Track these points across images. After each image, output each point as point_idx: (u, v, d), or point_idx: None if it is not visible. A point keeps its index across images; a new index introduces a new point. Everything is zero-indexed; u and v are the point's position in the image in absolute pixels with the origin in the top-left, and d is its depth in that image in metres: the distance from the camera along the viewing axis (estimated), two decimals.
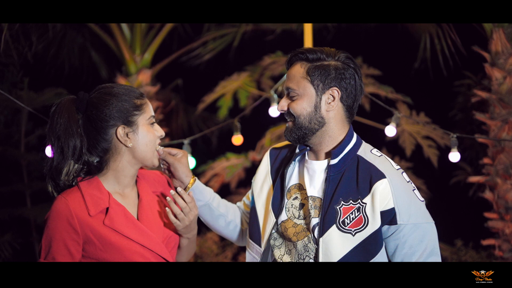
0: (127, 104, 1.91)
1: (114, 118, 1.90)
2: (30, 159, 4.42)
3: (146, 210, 1.97)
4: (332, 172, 1.93)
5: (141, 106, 1.94)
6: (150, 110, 1.95)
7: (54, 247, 1.85)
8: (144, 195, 2.00)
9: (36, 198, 4.48)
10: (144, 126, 1.94)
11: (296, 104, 1.95)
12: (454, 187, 4.74)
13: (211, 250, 4.31)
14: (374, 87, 4.40)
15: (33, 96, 4.31)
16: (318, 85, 1.93)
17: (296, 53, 1.98)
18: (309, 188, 1.97)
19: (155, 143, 1.97)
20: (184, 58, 4.90)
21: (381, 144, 4.62)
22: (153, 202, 2.02)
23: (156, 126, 1.99)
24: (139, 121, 1.93)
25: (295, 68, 1.97)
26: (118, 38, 4.47)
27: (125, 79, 4.46)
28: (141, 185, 2.03)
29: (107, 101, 1.89)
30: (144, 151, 1.94)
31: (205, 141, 5.27)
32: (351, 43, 4.75)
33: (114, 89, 1.93)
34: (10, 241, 4.02)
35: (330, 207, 1.90)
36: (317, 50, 1.95)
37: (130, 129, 1.92)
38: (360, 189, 1.90)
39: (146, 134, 1.94)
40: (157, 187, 2.08)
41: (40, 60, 4.67)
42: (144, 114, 1.94)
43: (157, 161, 2.00)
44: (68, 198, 1.87)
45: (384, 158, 1.97)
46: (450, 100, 4.79)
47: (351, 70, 1.95)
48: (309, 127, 1.95)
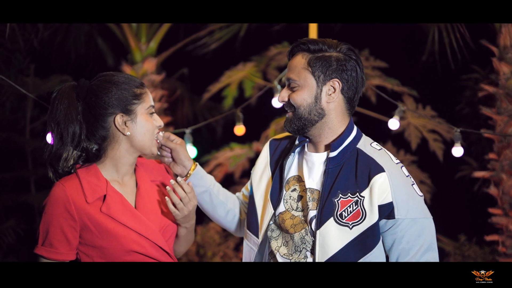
0: (127, 93, 1.91)
1: (113, 106, 1.90)
2: (35, 146, 4.43)
3: (144, 198, 1.98)
4: (331, 165, 1.92)
5: (140, 95, 1.93)
6: (150, 100, 1.95)
7: (51, 233, 1.86)
8: (142, 183, 2.00)
9: (40, 184, 4.50)
10: (143, 115, 1.93)
11: (296, 95, 1.94)
12: (459, 182, 4.71)
13: (214, 239, 4.32)
14: (380, 80, 4.37)
15: (38, 83, 4.32)
16: (319, 76, 1.91)
17: (298, 44, 1.97)
18: (308, 180, 1.96)
19: (153, 132, 1.96)
20: (190, 47, 4.88)
21: (387, 137, 4.60)
22: (151, 191, 2.02)
23: (155, 116, 1.99)
24: (137, 110, 1.92)
25: (296, 59, 1.95)
26: (124, 26, 4.46)
27: (131, 68, 4.46)
28: (140, 174, 2.03)
29: (107, 89, 1.89)
30: (142, 140, 1.94)
31: (209, 130, 5.26)
32: (358, 35, 4.72)
33: (114, 77, 1.93)
34: (13, 227, 4.05)
35: (328, 200, 1.88)
36: (319, 41, 1.94)
37: (129, 117, 1.92)
38: (358, 182, 1.88)
39: (144, 123, 1.94)
40: (155, 176, 2.08)
41: (46, 46, 4.68)
42: (143, 104, 1.93)
43: (156, 150, 2.00)
44: (66, 184, 1.88)
45: (384, 151, 1.96)
46: (457, 94, 4.76)
47: (353, 62, 1.93)
48: (308, 118, 1.93)
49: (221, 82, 4.70)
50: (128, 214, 1.91)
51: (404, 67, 4.73)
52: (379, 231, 1.87)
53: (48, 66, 4.70)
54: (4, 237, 4.02)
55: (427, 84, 4.74)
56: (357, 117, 4.71)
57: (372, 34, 4.77)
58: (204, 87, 4.83)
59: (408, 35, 4.78)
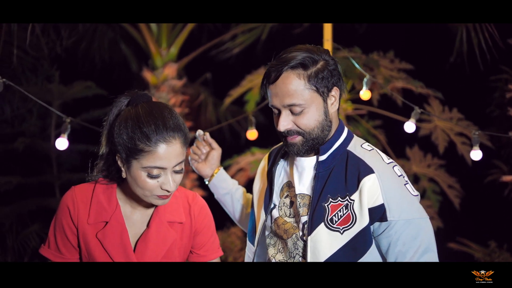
0: (129, 141, 1.69)
1: (118, 143, 1.72)
2: (59, 151, 4.49)
3: (147, 242, 1.83)
4: (321, 169, 1.85)
5: (140, 152, 1.69)
6: (153, 161, 1.68)
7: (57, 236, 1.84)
8: (154, 224, 1.84)
9: (64, 189, 4.52)
10: (137, 171, 1.71)
11: (305, 118, 1.81)
12: (488, 186, 4.56)
13: (235, 245, 4.30)
14: (404, 82, 4.26)
15: (62, 90, 4.39)
16: (323, 92, 1.82)
17: (282, 63, 1.80)
18: (298, 186, 1.90)
19: (146, 191, 1.74)
20: (213, 52, 4.88)
21: (413, 140, 4.49)
22: (161, 235, 1.84)
23: (164, 178, 1.72)
24: (133, 163, 1.71)
25: (289, 80, 1.79)
26: (144, 32, 4.50)
27: (151, 73, 4.48)
28: (159, 213, 1.85)
29: (123, 123, 1.72)
30: (134, 189, 1.76)
31: (233, 135, 5.25)
32: (383, 36, 4.64)
33: (140, 116, 1.70)
34: (37, 231, 4.12)
35: (318, 205, 1.82)
36: (303, 53, 1.80)
37: (125, 163, 1.74)
38: (348, 185, 1.81)
39: (136, 179, 1.72)
40: (176, 216, 1.87)
41: (71, 54, 4.76)
42: (141, 161, 1.69)
43: (155, 202, 1.78)
44: (77, 196, 1.81)
45: (375, 152, 1.87)
46: (486, 96, 4.61)
47: (335, 62, 1.86)
48: (321, 135, 1.84)
49: (243, 87, 4.68)
50: (120, 250, 1.81)
51: (430, 68, 4.62)
52: (371, 236, 1.80)
53: (73, 73, 4.78)
54: (28, 241, 4.10)
55: (454, 86, 4.60)
56: (382, 120, 4.64)
57: (397, 36, 4.67)
58: (227, 92, 4.83)
59: (434, 36, 4.66)
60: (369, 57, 4.15)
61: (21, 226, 4.22)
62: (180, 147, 1.72)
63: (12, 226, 4.17)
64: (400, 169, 1.86)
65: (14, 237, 4.14)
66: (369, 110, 4.44)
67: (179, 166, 1.73)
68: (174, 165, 1.71)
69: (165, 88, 4.48)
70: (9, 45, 3.79)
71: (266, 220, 1.97)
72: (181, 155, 1.73)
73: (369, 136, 4.55)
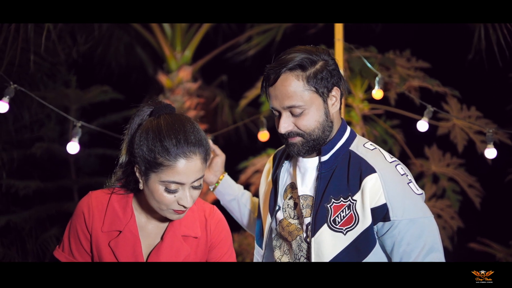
0: (149, 154, 1.67)
1: (138, 154, 1.71)
2: (77, 156, 4.54)
3: (160, 256, 1.82)
4: (323, 169, 1.84)
5: (159, 165, 1.67)
6: (173, 176, 1.66)
7: (71, 240, 1.86)
8: (168, 237, 1.83)
9: (83, 193, 4.55)
10: (155, 184, 1.69)
11: (305, 120, 1.81)
12: (509, 185, 4.47)
13: (252, 246, 4.28)
14: (420, 81, 4.21)
15: (79, 94, 4.43)
16: (323, 92, 1.81)
17: (280, 65, 1.80)
18: (301, 187, 1.89)
19: (162, 205, 1.73)
20: (229, 54, 4.88)
21: (432, 139, 4.43)
22: (174, 249, 1.83)
23: (182, 193, 1.70)
24: (151, 175, 1.69)
25: (288, 82, 1.78)
26: (158, 36, 4.52)
27: (166, 76, 4.50)
28: (174, 226, 1.84)
29: (143, 135, 1.70)
30: (151, 202, 1.75)
31: (250, 137, 5.25)
32: (399, 35, 4.59)
33: (162, 129, 1.68)
34: (57, 235, 4.15)
35: (321, 206, 1.81)
36: (302, 55, 1.79)
37: (143, 175, 1.72)
38: (350, 185, 1.79)
39: (153, 192, 1.71)
40: (191, 230, 1.86)
41: (87, 59, 4.80)
42: (159, 174, 1.67)
43: (170, 216, 1.77)
44: (93, 202, 1.82)
45: (378, 151, 1.85)
46: (505, 93, 4.52)
47: (334, 61, 1.84)
48: (323, 136, 1.84)
49: (258, 88, 4.66)
50: (131, 260, 1.80)
51: (448, 66, 4.55)
52: (374, 236, 1.78)
53: (90, 78, 4.82)
54: (48, 245, 4.13)
55: (472, 84, 4.53)
56: (400, 120, 4.59)
57: (413, 34, 4.62)
58: (243, 94, 4.82)
59: (452, 33, 4.60)
60: (385, 56, 4.11)
61: (40, 230, 4.26)
62: (200, 163, 1.69)
63: (32, 230, 4.21)
64: (403, 167, 1.83)
65: (33, 241, 4.19)
66: (386, 110, 4.40)
67: (197, 182, 1.71)
68: (193, 181, 1.69)
69: (180, 91, 4.49)
70: (27, 51, 3.83)
71: (272, 222, 1.96)
72: (201, 171, 1.70)
73: (387, 136, 4.51)
